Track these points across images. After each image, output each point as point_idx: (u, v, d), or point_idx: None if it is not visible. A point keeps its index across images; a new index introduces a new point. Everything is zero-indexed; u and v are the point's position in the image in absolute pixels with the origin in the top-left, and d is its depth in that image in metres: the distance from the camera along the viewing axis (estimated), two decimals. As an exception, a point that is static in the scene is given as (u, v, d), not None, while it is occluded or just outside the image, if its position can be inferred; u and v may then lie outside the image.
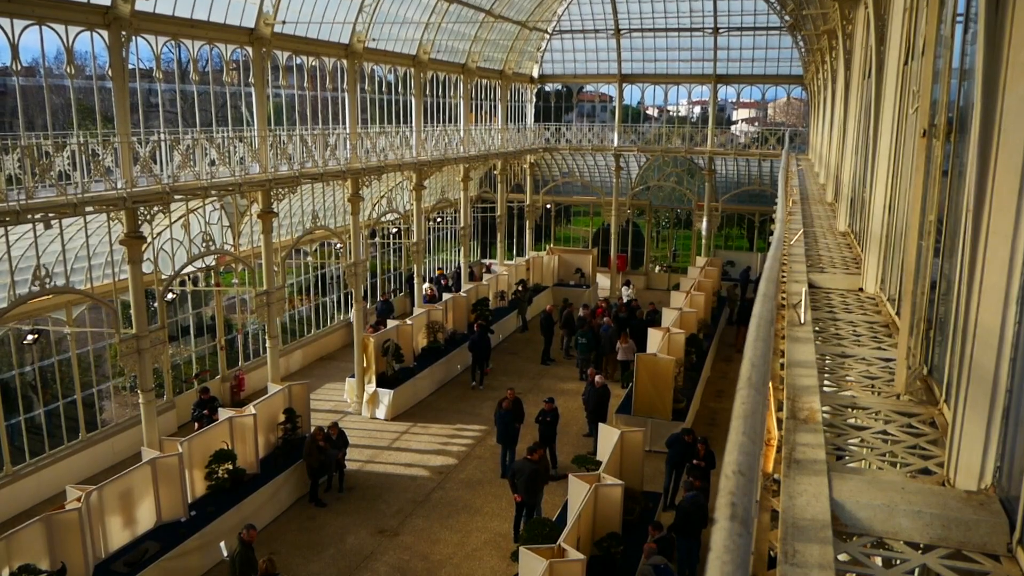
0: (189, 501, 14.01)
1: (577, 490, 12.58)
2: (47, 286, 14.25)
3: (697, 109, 38.65)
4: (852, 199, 12.30)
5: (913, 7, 7.20)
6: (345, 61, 23.79)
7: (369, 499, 16.40)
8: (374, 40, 24.66)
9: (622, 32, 35.95)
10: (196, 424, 17.10)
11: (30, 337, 16.25)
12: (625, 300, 28.62)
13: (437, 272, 32.16)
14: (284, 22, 20.18)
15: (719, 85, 35.64)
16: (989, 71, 3.62)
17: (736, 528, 1.53)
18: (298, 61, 22.20)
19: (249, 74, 19.90)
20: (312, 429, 16.61)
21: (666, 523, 13.11)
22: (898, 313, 6.61)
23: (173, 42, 17.76)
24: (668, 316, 23.34)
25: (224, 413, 15.88)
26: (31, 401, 17.07)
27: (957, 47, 5.20)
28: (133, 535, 13.03)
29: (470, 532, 15.17)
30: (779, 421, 4.43)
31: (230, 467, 14.86)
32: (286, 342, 24.02)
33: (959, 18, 5.27)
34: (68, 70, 15.28)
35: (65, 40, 14.93)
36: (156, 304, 17.71)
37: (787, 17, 31.11)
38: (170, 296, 19.37)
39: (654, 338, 20.91)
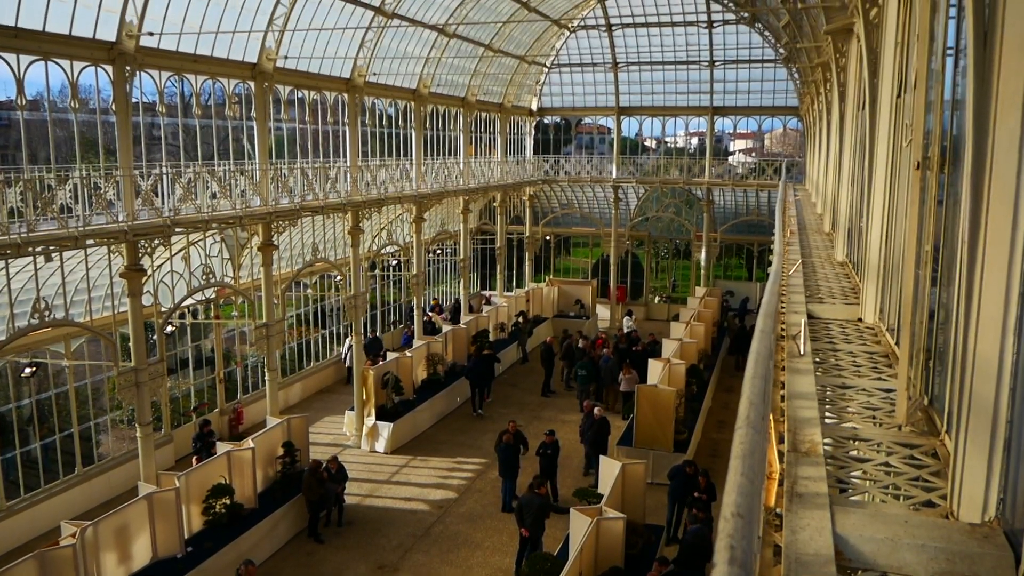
0: (186, 537, 13.83)
1: (579, 524, 12.45)
2: (46, 319, 14.25)
3: (694, 140, 38.97)
4: (849, 229, 12.35)
5: (904, 41, 7.30)
6: (346, 95, 24.04)
7: (368, 534, 16.23)
8: (375, 74, 24.95)
9: (619, 65, 36.36)
10: (195, 458, 17.00)
11: (28, 370, 16.20)
12: (626, 331, 28.62)
13: (432, 302, 32.24)
14: (286, 57, 20.45)
15: (716, 117, 35.97)
16: (980, 104, 3.66)
17: (735, 572, 1.52)
18: (299, 95, 22.43)
19: (251, 108, 20.11)
20: (310, 462, 16.49)
21: (669, 556, 12.96)
22: (897, 343, 6.61)
23: (176, 76, 17.97)
24: (668, 347, 23.29)
25: (222, 447, 15.77)
26: (27, 435, 16.96)
27: (948, 80, 5.27)
28: (128, 572, 12.84)
29: (471, 567, 14.98)
30: (780, 454, 4.41)
31: (228, 502, 14.72)
32: (285, 375, 23.94)
33: (949, 51, 5.34)
34: (72, 104, 15.44)
35: (70, 75, 15.12)
36: (155, 337, 17.68)
37: (781, 50, 31.52)
38: (169, 329, 19.34)
39: (654, 369, 20.84)
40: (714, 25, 33.62)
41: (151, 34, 16.11)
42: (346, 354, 25.46)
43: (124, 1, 15.39)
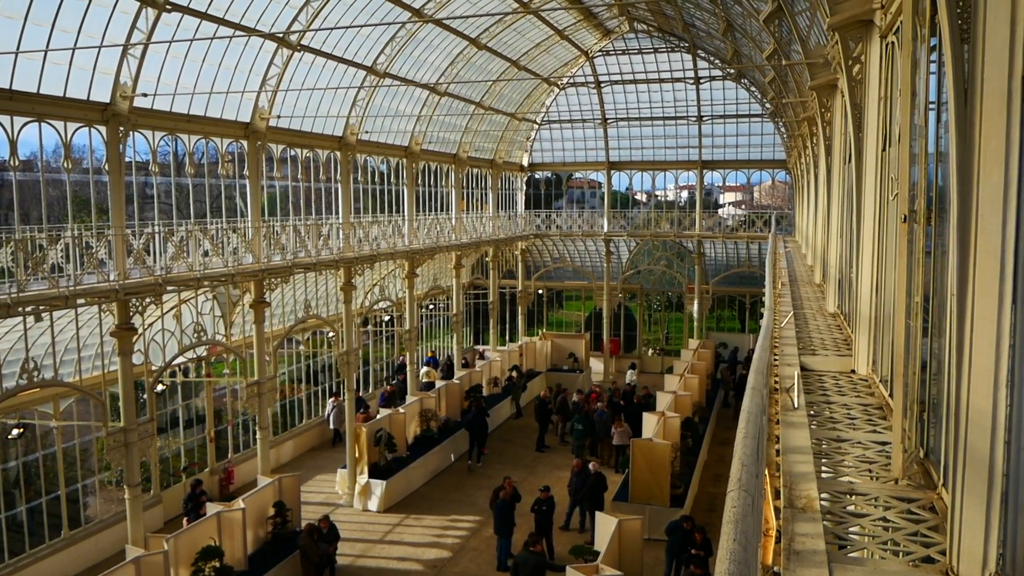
0: (173, 602, 13.50)
1: (575, 583, 12.20)
2: (35, 379, 14.10)
3: (684, 193, 39.39)
4: (840, 280, 12.41)
5: (887, 96, 7.45)
6: (338, 153, 24.30)
7: (360, 596, 15.86)
8: (367, 132, 25.29)
9: (609, 121, 36.98)
10: (186, 519, 16.68)
11: (15, 431, 15.96)
12: (629, 383, 28.54)
13: (429, 354, 32.16)
14: (279, 116, 20.71)
15: (705, 170, 36.46)
16: (963, 160, 3.71)
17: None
18: (292, 153, 22.67)
19: (244, 166, 20.28)
20: (303, 524, 16.19)
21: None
22: (891, 395, 6.58)
23: (170, 136, 18.15)
24: (663, 400, 23.16)
25: (212, 507, 15.48)
26: (13, 498, 16.63)
27: (931, 134, 5.36)
28: (113, 639, 12.49)
29: (465, 629, 14.61)
30: (777, 510, 4.35)
31: (217, 564, 14.37)
32: (277, 432, 23.65)
33: (931, 106, 5.44)
34: (65, 164, 15.53)
35: (63, 136, 15.25)
36: (145, 396, 17.49)
37: (768, 105, 32.11)
38: (160, 387, 19.15)
39: (649, 423, 20.68)
40: (701, 81, 34.35)
41: (145, 95, 16.33)
42: (329, 415, 25.15)
43: (119, 63, 15.64)
